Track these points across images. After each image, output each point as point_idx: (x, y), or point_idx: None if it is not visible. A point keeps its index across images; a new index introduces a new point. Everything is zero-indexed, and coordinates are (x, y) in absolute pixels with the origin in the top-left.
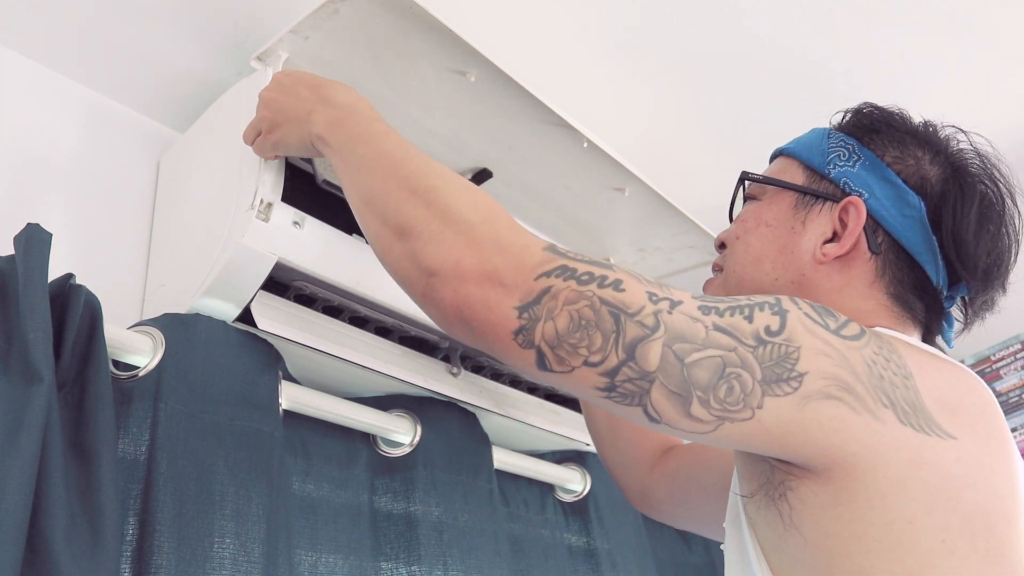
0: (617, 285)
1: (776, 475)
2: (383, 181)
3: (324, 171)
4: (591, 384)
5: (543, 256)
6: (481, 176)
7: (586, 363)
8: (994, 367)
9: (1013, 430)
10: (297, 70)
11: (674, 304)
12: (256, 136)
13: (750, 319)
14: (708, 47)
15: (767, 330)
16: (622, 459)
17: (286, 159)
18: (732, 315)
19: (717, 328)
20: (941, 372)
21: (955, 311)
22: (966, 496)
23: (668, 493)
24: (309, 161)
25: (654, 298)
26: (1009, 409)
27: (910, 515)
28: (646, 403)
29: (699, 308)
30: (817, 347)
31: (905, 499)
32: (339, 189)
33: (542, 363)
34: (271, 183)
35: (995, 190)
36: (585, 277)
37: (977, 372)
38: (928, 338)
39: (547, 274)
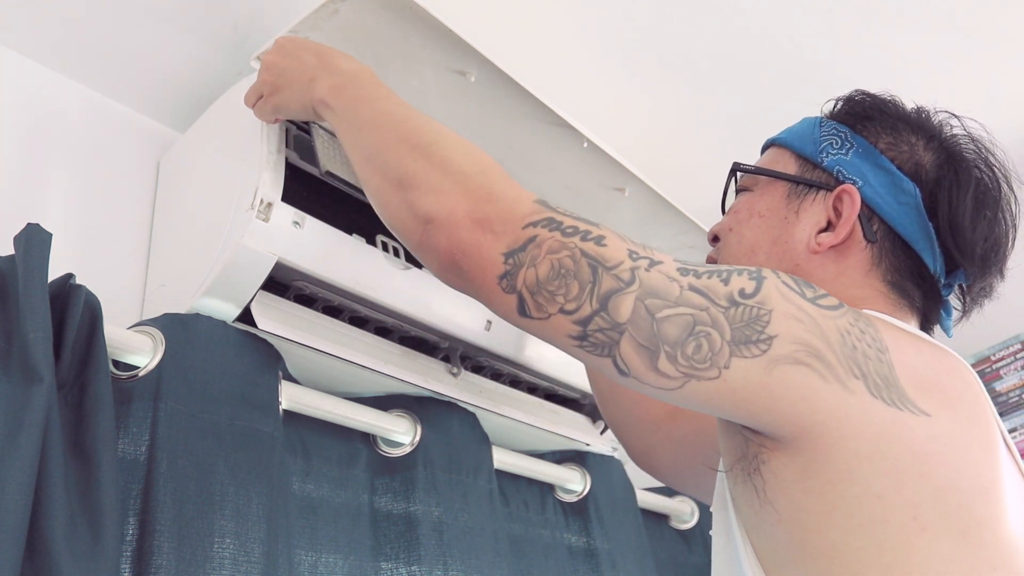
0: (600, 240)
1: (750, 448)
2: (384, 138)
3: (327, 162)
4: (565, 332)
5: (533, 207)
6: None
7: (562, 311)
8: (994, 367)
9: (1012, 430)
10: (299, 37)
11: (653, 263)
12: (257, 99)
13: (726, 282)
14: (708, 47)
15: (741, 292)
16: (624, 417)
17: (286, 160)
18: (709, 278)
19: (692, 288)
20: (920, 351)
21: (954, 300)
22: (939, 473)
23: (672, 458)
24: (312, 156)
25: (634, 256)
26: (1009, 409)
27: (879, 490)
28: (615, 354)
29: (678, 269)
30: (790, 312)
31: (874, 473)
32: (342, 181)
33: (522, 309)
34: (271, 183)
35: (990, 175)
36: (570, 230)
37: (977, 372)
38: (926, 326)
39: (534, 224)
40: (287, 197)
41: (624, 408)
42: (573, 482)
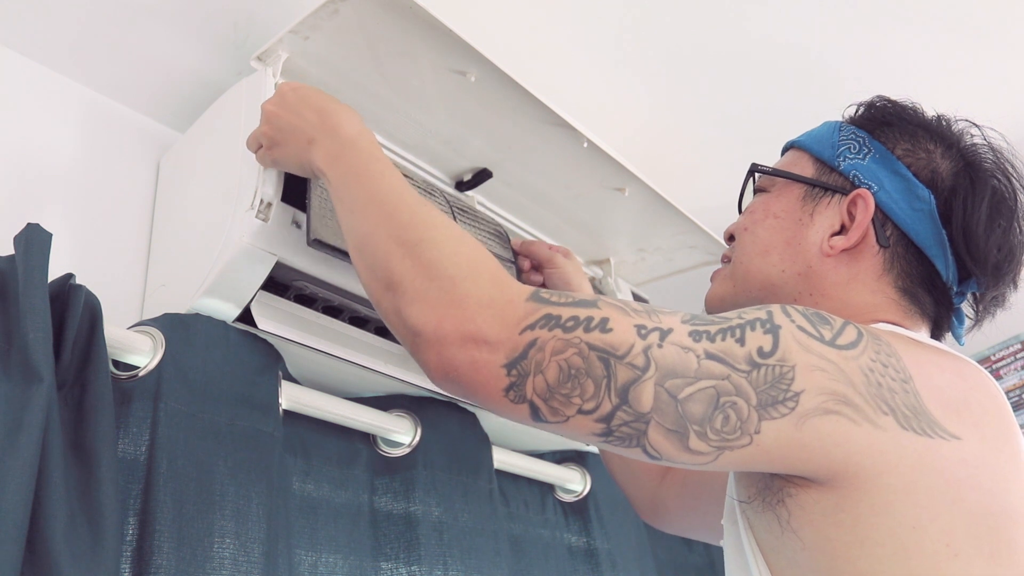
0: (604, 325)
1: (775, 483)
2: (374, 228)
3: (320, 228)
4: (588, 431)
5: (526, 308)
6: (481, 176)
7: (580, 411)
8: (994, 367)
9: None
10: (303, 86)
11: (664, 335)
12: (258, 147)
13: (742, 342)
14: (709, 47)
15: (760, 352)
16: (631, 471)
17: None
18: (723, 339)
19: (709, 356)
20: (943, 370)
21: (967, 308)
22: (971, 498)
23: (679, 502)
24: (304, 219)
25: (642, 332)
26: None
27: (914, 521)
28: (644, 444)
29: (690, 334)
30: (812, 363)
31: (910, 505)
32: (330, 249)
33: (536, 415)
34: (271, 183)
35: (1008, 185)
36: (570, 323)
37: None
38: (937, 333)
39: (531, 327)
40: (287, 197)
41: (630, 462)
42: (573, 482)
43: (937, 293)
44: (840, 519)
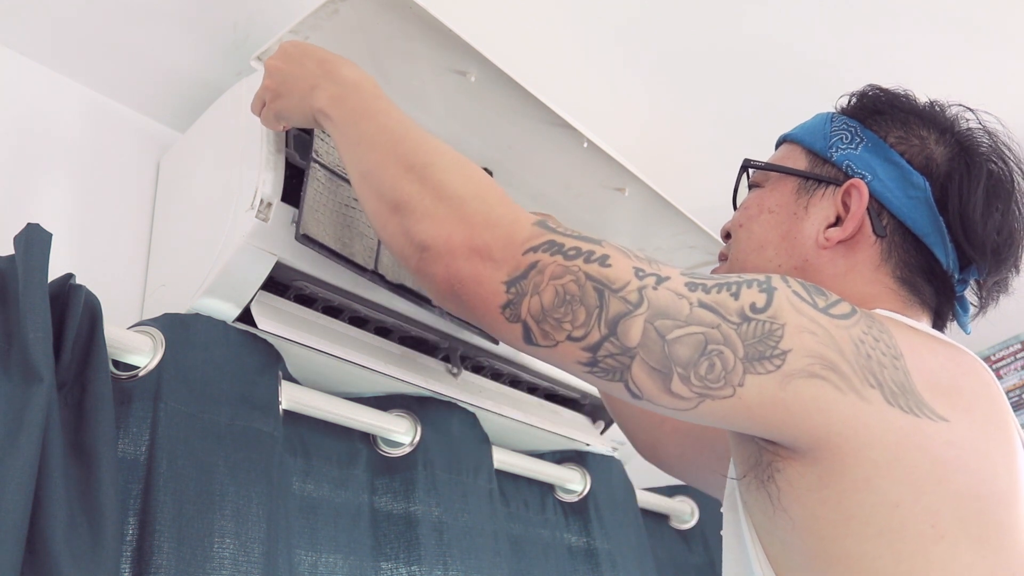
0: (603, 260)
1: (764, 456)
2: (381, 157)
3: (311, 222)
4: (574, 359)
5: (532, 231)
6: None
7: (569, 337)
8: (994, 367)
9: None
10: (303, 42)
11: (660, 280)
12: (262, 107)
13: (736, 296)
14: (709, 47)
15: (752, 307)
16: (631, 411)
17: (286, 160)
18: (719, 292)
19: (702, 305)
20: (935, 353)
21: (971, 296)
22: (957, 480)
23: (679, 451)
24: (296, 217)
25: (640, 274)
26: None
27: (897, 499)
28: (627, 379)
29: (686, 284)
30: (803, 325)
31: (892, 482)
32: (317, 246)
33: (528, 337)
34: (271, 183)
35: (1004, 168)
36: (572, 252)
37: None
38: (939, 324)
39: (535, 248)
40: (287, 197)
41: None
42: (573, 482)
43: (937, 282)
44: (825, 495)
